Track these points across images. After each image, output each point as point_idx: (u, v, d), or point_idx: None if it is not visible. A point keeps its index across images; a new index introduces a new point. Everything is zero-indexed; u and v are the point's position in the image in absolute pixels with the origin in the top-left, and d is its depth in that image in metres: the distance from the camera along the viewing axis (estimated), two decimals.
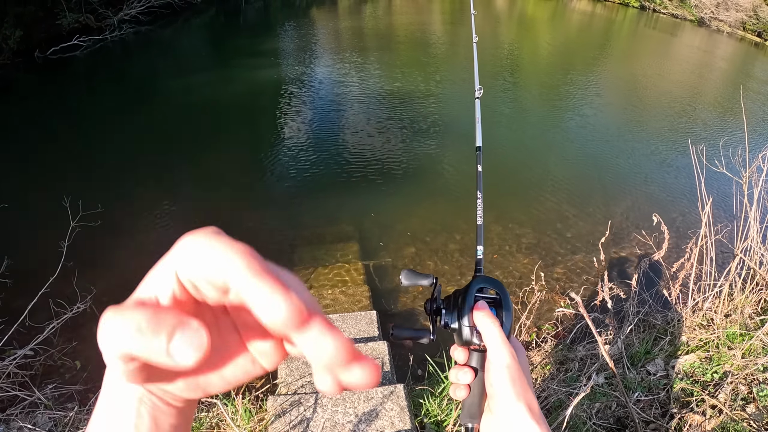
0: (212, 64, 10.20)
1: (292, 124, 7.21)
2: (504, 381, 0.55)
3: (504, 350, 0.56)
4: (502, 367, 0.56)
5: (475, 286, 0.62)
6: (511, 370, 0.55)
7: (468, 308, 0.60)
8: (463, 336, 0.60)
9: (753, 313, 3.10)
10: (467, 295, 0.61)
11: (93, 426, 0.37)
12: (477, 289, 0.62)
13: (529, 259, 4.69)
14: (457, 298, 0.63)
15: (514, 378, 0.55)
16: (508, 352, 0.56)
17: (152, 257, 1.34)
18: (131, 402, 0.35)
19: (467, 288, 0.62)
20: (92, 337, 1.45)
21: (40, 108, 7.07)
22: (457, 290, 0.64)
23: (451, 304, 0.63)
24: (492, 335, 0.57)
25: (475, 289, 0.62)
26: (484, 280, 0.63)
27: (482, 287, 0.62)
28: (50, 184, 5.20)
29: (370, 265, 4.40)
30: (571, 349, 3.27)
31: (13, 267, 3.51)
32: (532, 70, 12.29)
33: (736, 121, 9.48)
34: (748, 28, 24.34)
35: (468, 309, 0.60)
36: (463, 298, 0.61)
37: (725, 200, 5.12)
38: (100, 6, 10.14)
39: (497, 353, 0.57)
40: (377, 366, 0.30)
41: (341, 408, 2.35)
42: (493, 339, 0.57)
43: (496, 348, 0.57)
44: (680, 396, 2.59)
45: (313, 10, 16.47)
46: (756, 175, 3.27)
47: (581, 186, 6.22)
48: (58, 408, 2.76)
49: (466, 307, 0.60)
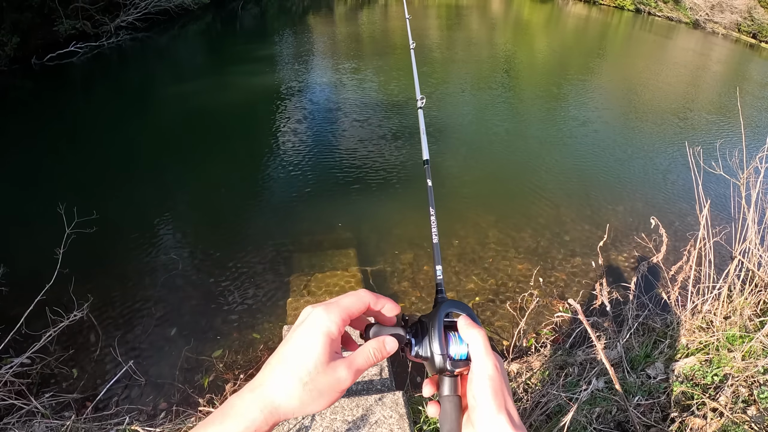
0: (209, 70, 10.21)
1: (289, 130, 7.20)
2: (486, 392, 0.55)
3: (489, 361, 0.56)
4: (485, 378, 0.56)
5: (443, 311, 0.61)
6: (493, 381, 0.55)
7: (438, 336, 0.58)
8: (436, 364, 0.58)
9: (752, 315, 3.09)
10: (436, 322, 0.60)
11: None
12: (445, 314, 0.61)
13: (527, 263, 4.68)
14: (424, 325, 0.61)
15: (496, 389, 0.55)
16: (492, 364, 0.56)
17: (147, 264, 1.35)
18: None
19: (434, 314, 0.61)
20: (89, 344, 1.46)
21: (36, 114, 7.06)
22: (423, 317, 0.63)
23: (419, 332, 0.61)
24: (478, 345, 0.57)
25: (443, 314, 0.61)
26: (451, 304, 0.62)
27: (449, 312, 0.62)
28: (45, 191, 5.18)
29: (368, 272, 4.39)
30: (571, 353, 3.26)
31: (9, 274, 3.50)
32: (528, 73, 12.32)
33: (732, 123, 9.50)
34: (743, 30, 24.46)
35: (438, 336, 0.58)
36: (432, 325, 0.60)
37: (723, 202, 5.13)
38: (96, 12, 10.16)
39: (482, 363, 0.57)
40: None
41: (339, 416, 2.33)
42: (479, 349, 0.57)
43: (481, 358, 0.57)
44: (681, 399, 2.58)
45: (310, 17, 16.53)
46: (753, 176, 3.27)
47: (579, 190, 6.22)
48: (55, 417, 2.74)
49: (436, 334, 0.59)
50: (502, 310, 4.04)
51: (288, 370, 0.52)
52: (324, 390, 0.53)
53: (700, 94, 12.22)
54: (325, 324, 0.54)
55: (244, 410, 0.50)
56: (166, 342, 3.61)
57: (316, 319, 0.55)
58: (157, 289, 4.09)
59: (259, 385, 0.52)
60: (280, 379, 0.52)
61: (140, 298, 3.98)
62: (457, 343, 0.59)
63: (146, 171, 5.84)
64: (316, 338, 0.53)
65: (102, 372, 3.34)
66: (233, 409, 0.51)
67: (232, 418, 0.50)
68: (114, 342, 3.45)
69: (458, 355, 0.59)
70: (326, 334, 0.54)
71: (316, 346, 0.53)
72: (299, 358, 0.53)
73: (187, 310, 3.91)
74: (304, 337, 0.54)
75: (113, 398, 3.15)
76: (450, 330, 0.61)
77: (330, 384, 0.53)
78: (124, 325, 3.73)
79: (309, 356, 0.53)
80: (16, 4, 8.49)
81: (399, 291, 4.21)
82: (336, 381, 0.53)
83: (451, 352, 0.59)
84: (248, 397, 0.51)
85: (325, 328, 0.54)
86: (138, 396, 3.18)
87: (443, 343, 0.58)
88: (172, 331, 3.70)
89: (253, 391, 0.52)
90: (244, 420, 0.50)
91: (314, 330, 0.54)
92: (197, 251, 4.55)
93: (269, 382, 0.52)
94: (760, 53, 21.09)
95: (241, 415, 0.50)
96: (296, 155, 6.38)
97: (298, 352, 0.53)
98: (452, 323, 0.61)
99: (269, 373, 0.53)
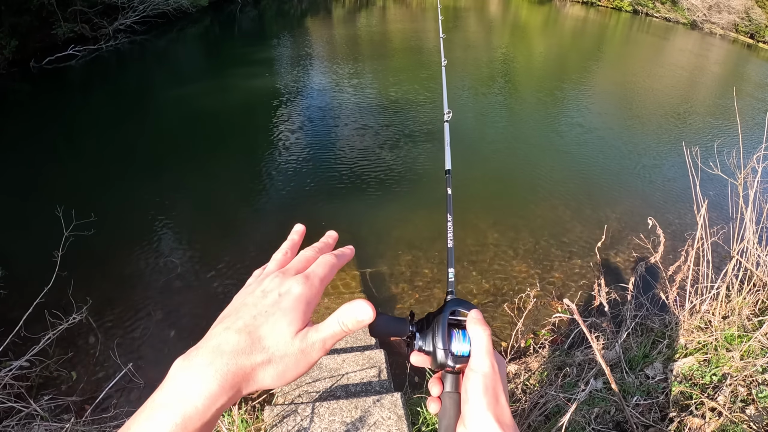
0: (207, 73, 10.22)
1: (287, 132, 7.21)
2: (477, 388, 0.55)
3: (486, 359, 0.57)
4: (479, 375, 0.56)
5: (449, 308, 0.62)
6: (486, 378, 0.55)
7: (442, 331, 0.60)
8: (438, 359, 0.59)
9: (751, 315, 3.09)
10: (441, 318, 0.61)
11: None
12: (450, 311, 0.62)
13: (525, 264, 4.69)
14: (430, 321, 0.63)
15: (487, 386, 0.55)
16: (489, 362, 0.56)
17: (146, 267, 1.36)
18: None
19: (440, 310, 0.62)
20: (88, 347, 1.46)
21: (34, 117, 7.06)
22: (430, 313, 0.64)
23: (425, 327, 0.62)
24: (480, 343, 0.58)
25: (449, 311, 0.62)
26: (457, 303, 0.64)
27: (455, 309, 0.63)
28: (43, 193, 5.18)
29: (366, 273, 4.39)
30: (569, 354, 3.26)
31: (7, 277, 3.50)
32: (527, 75, 12.35)
33: (729, 123, 9.53)
34: (740, 30, 24.53)
35: (442, 331, 0.60)
36: (436, 320, 0.61)
37: (721, 202, 5.15)
38: (95, 16, 10.17)
39: (478, 360, 0.57)
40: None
41: (338, 417, 2.33)
42: (479, 346, 0.57)
43: (480, 355, 0.57)
44: (679, 399, 2.58)
45: (308, 19, 16.55)
46: (751, 176, 3.28)
47: (577, 190, 6.23)
48: (54, 420, 2.73)
49: (440, 329, 0.60)
50: (501, 311, 4.05)
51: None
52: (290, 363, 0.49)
53: (697, 95, 12.25)
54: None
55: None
56: (165, 344, 3.61)
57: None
58: (156, 292, 4.09)
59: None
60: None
61: (139, 300, 3.98)
62: (460, 340, 0.60)
63: (144, 174, 5.84)
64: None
65: (101, 375, 3.34)
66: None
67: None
68: (113, 345, 3.44)
69: (460, 351, 0.59)
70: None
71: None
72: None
73: (186, 312, 3.90)
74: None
75: (112, 401, 3.14)
76: (454, 327, 0.62)
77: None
78: (124, 327, 3.73)
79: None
80: (15, 7, 8.50)
81: (398, 292, 4.21)
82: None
83: (453, 348, 0.59)
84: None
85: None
86: (137, 398, 3.17)
87: (446, 338, 0.59)
88: (171, 333, 3.70)
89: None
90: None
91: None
92: (196, 254, 4.55)
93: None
94: (757, 53, 21.15)
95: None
96: (294, 158, 6.39)
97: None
98: (457, 321, 0.62)
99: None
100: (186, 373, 0.45)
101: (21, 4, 8.60)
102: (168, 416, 0.42)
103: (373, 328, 0.62)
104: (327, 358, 2.92)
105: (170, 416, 0.42)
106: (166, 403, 0.43)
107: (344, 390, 2.70)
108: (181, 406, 0.43)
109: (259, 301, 0.51)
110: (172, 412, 0.42)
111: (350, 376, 2.79)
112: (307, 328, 0.51)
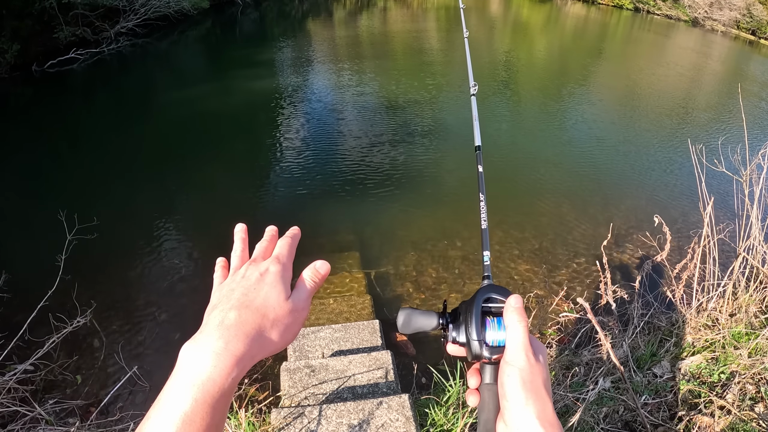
0: (209, 75, 10.22)
1: (290, 134, 7.21)
2: (514, 383, 0.53)
3: (521, 352, 0.54)
4: (515, 369, 0.53)
5: (482, 296, 0.59)
6: (523, 372, 0.53)
7: (475, 321, 0.57)
8: (473, 350, 0.57)
9: (758, 312, 3.08)
10: (474, 307, 0.58)
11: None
12: (484, 299, 0.59)
13: (530, 264, 4.67)
14: (464, 310, 0.60)
15: (525, 380, 0.53)
16: (524, 355, 0.54)
17: (150, 269, 1.35)
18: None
19: (473, 299, 0.59)
20: (93, 350, 1.45)
21: (37, 121, 7.07)
22: (464, 301, 0.61)
23: (459, 317, 0.60)
24: (515, 333, 0.55)
25: (482, 299, 0.59)
26: (491, 289, 0.60)
27: (489, 296, 0.59)
28: (46, 197, 5.19)
29: (372, 274, 4.37)
30: (576, 353, 3.25)
31: (11, 281, 3.49)
32: (528, 74, 12.32)
33: (734, 120, 9.50)
34: (741, 27, 24.47)
35: (475, 322, 0.57)
36: (469, 310, 0.58)
37: (726, 199, 5.11)
38: (96, 19, 10.18)
39: (514, 353, 0.54)
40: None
41: (345, 419, 2.32)
42: (515, 337, 0.55)
43: (515, 348, 0.55)
44: (688, 398, 2.57)
45: (309, 21, 16.56)
46: (756, 173, 3.26)
47: (581, 189, 6.21)
48: (59, 423, 2.72)
49: (473, 319, 0.57)
50: None
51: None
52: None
53: (701, 92, 12.22)
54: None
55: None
56: (170, 347, 3.60)
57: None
58: (161, 294, 4.08)
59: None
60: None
61: (143, 303, 3.98)
62: (495, 328, 0.57)
63: (147, 176, 5.84)
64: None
65: (106, 378, 3.34)
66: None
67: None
68: (118, 347, 3.44)
69: (496, 341, 0.57)
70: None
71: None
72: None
73: (190, 314, 3.89)
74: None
75: (117, 404, 3.14)
76: (488, 315, 0.59)
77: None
78: (128, 330, 3.72)
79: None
80: (16, 11, 8.51)
81: (403, 293, 4.20)
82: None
83: (488, 338, 0.57)
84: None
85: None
86: (142, 401, 3.17)
87: (480, 328, 0.57)
88: (176, 335, 3.69)
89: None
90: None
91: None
92: (200, 255, 4.54)
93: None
94: (759, 50, 21.10)
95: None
96: (297, 159, 6.38)
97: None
98: (490, 309, 0.59)
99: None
100: (197, 351, 0.49)
101: (22, 9, 8.62)
102: (187, 391, 0.46)
103: (401, 324, 0.60)
104: (333, 360, 2.90)
105: (189, 391, 0.46)
106: (183, 381, 0.47)
107: (351, 392, 2.69)
108: (198, 379, 0.46)
109: (244, 283, 0.57)
110: (190, 387, 0.46)
111: (357, 378, 2.78)
112: (292, 293, 0.58)
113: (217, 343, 0.49)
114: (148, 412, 0.46)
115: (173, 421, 0.44)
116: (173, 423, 0.44)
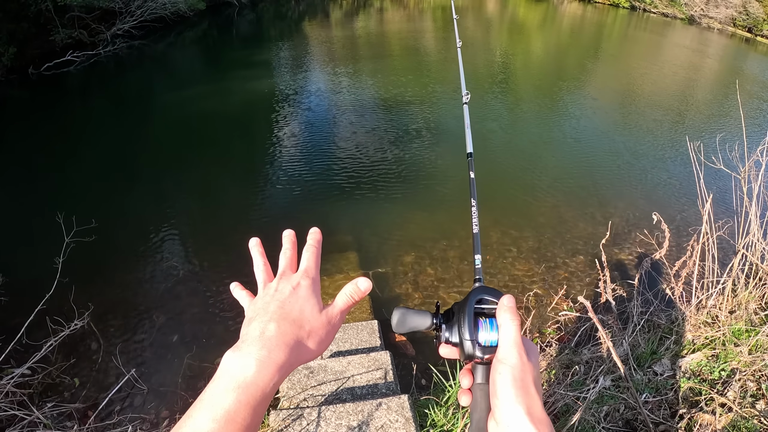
0: (206, 77, 10.21)
1: (287, 135, 7.19)
2: (505, 381, 0.53)
3: (513, 350, 0.55)
4: (507, 366, 0.54)
5: (474, 297, 0.60)
6: (515, 370, 0.54)
7: (468, 321, 0.58)
8: (465, 350, 0.57)
9: (758, 309, 3.07)
10: (466, 308, 0.59)
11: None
12: (476, 300, 0.60)
13: (529, 263, 4.66)
14: (457, 311, 0.61)
15: (516, 378, 0.53)
16: (516, 353, 0.55)
17: (148, 272, 1.33)
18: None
19: (466, 300, 0.60)
20: (91, 353, 1.43)
21: (34, 124, 7.05)
22: (457, 303, 0.62)
23: (452, 317, 0.61)
24: (507, 332, 0.56)
25: (474, 300, 0.60)
26: (483, 290, 0.61)
27: (481, 298, 0.60)
28: (43, 200, 5.17)
29: (370, 275, 4.36)
30: (576, 352, 3.24)
31: (9, 284, 3.48)
32: (525, 73, 12.33)
33: (731, 118, 9.51)
34: (738, 24, 24.52)
35: (468, 322, 0.58)
36: (462, 310, 0.59)
37: (725, 196, 5.11)
38: (93, 21, 10.16)
39: (506, 351, 0.55)
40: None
41: (344, 421, 2.31)
42: (507, 336, 0.56)
43: (507, 346, 0.55)
44: (688, 395, 2.56)
45: (306, 22, 16.55)
46: (754, 170, 3.26)
47: (579, 187, 6.21)
48: (57, 427, 2.71)
49: (466, 319, 0.58)
50: None
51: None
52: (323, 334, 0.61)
53: (698, 90, 12.23)
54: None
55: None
56: (167, 350, 3.58)
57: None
58: (158, 297, 4.06)
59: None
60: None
61: (141, 306, 3.96)
62: (487, 329, 0.58)
63: (145, 179, 5.82)
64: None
65: (104, 381, 3.32)
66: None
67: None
68: (116, 351, 3.42)
69: (488, 341, 0.57)
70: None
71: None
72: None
73: (188, 317, 3.88)
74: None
75: (115, 407, 3.12)
76: (481, 316, 0.60)
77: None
78: (126, 333, 3.70)
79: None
80: (12, 14, 8.50)
81: (401, 293, 4.19)
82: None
83: (480, 338, 0.58)
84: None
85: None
86: (140, 404, 3.15)
87: (472, 328, 0.58)
88: (174, 338, 3.68)
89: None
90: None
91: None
92: (197, 258, 4.53)
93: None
94: (755, 47, 21.13)
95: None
96: (295, 161, 6.37)
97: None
98: (483, 310, 0.60)
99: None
100: (241, 358, 0.52)
101: (19, 11, 8.60)
102: (231, 392, 0.49)
103: (396, 324, 0.61)
104: (332, 361, 2.89)
105: (234, 392, 0.49)
106: (228, 383, 0.50)
107: (350, 393, 2.68)
108: (243, 383, 0.50)
109: (278, 296, 0.61)
110: (235, 389, 0.49)
111: (356, 379, 2.76)
112: (327, 305, 0.63)
113: (260, 351, 0.53)
114: (188, 411, 0.49)
115: (215, 417, 0.47)
116: (215, 419, 0.47)
